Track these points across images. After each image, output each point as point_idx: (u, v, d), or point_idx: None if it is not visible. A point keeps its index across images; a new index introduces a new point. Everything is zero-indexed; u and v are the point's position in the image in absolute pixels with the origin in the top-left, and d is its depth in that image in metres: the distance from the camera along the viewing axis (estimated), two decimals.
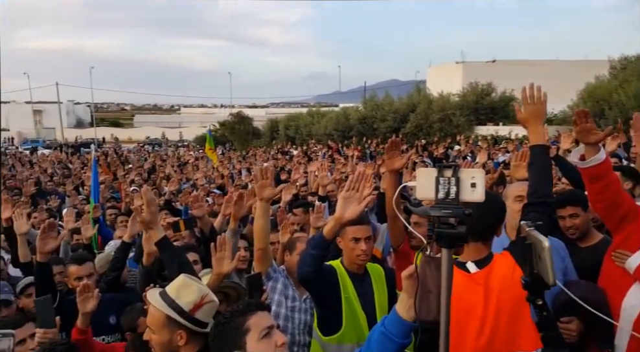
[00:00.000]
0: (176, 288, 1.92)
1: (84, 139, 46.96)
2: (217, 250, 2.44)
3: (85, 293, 2.49)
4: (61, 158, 19.32)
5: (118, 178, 10.03)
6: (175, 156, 20.63)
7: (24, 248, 3.66)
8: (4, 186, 10.02)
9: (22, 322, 2.48)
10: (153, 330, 1.89)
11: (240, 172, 12.01)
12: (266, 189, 2.67)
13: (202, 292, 1.93)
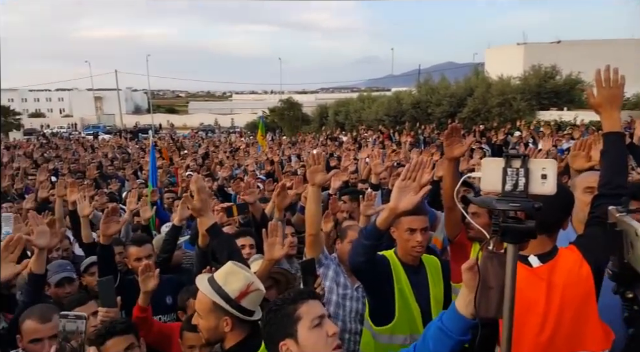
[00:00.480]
0: (224, 274, 1.96)
1: (142, 125, 49.20)
2: (269, 236, 2.47)
3: (147, 272, 2.60)
4: (121, 143, 20.35)
5: (175, 163, 10.42)
6: (227, 143, 21.16)
7: (87, 230, 3.89)
8: (69, 169, 10.70)
9: (86, 300, 2.65)
10: (200, 315, 1.94)
11: (290, 158, 12.14)
12: (318, 175, 2.66)
13: (248, 280, 1.95)
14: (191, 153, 14.65)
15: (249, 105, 74.38)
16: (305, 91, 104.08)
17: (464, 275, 1.44)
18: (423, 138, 14.98)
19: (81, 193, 4.01)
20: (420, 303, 2.55)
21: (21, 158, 12.55)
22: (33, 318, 2.28)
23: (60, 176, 8.72)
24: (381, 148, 9.40)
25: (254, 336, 1.89)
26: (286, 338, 1.57)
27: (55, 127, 47.87)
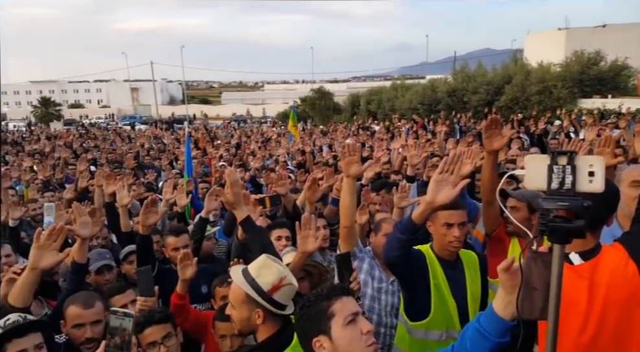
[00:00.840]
0: (257, 267, 1.97)
1: (177, 116, 50.28)
2: (302, 229, 2.47)
3: (185, 261, 2.66)
4: (157, 134, 20.84)
5: (208, 154, 10.61)
6: (258, 133, 21.34)
7: (126, 219, 4.01)
8: (107, 159, 11.05)
9: (125, 288, 2.74)
10: (233, 305, 1.96)
11: (321, 148, 12.12)
12: (353, 166, 2.63)
13: (281, 273, 1.96)
14: (224, 143, 14.87)
15: (280, 95, 74.72)
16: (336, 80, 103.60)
17: (501, 277, 1.39)
18: (459, 127, 14.63)
19: (120, 183, 4.13)
20: (457, 299, 2.50)
21: (61, 148, 13.05)
22: (76, 304, 2.37)
23: (98, 166, 9.04)
24: (415, 138, 9.23)
25: (286, 330, 1.90)
26: (320, 335, 1.57)
27: (93, 118, 49.49)
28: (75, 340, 2.33)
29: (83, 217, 2.75)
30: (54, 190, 6.74)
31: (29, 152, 13.54)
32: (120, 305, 2.63)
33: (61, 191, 6.69)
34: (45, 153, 12.82)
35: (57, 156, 10.87)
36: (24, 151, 14.10)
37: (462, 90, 25.74)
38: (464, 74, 27.27)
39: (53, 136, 21.98)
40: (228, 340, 2.46)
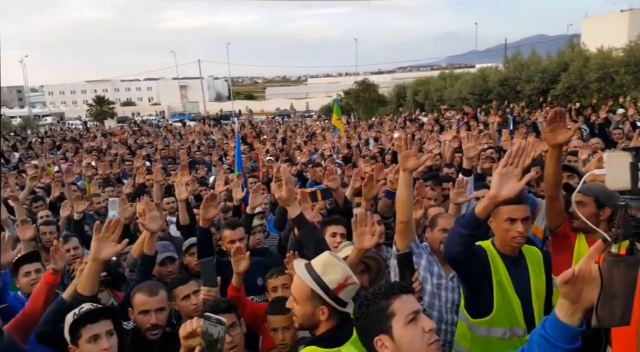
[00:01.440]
0: (322, 264, 1.97)
1: (224, 112, 51.50)
2: (358, 225, 2.46)
3: (239, 255, 2.73)
4: (205, 130, 21.44)
5: (256, 149, 10.80)
6: (303, 127, 21.50)
7: (185, 213, 4.17)
8: (161, 155, 11.49)
9: (187, 279, 2.85)
10: (296, 300, 1.96)
11: (367, 142, 12.05)
12: (410, 160, 2.60)
13: (347, 272, 1.96)
14: (270, 138, 15.10)
15: (323, 89, 74.85)
16: (381, 71, 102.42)
17: (562, 289, 1.31)
18: (512, 118, 14.10)
19: (178, 179, 4.29)
20: (521, 296, 2.44)
21: (117, 145, 13.70)
22: (142, 292, 2.51)
23: (153, 162, 9.41)
24: (466, 129, 8.98)
25: (346, 324, 1.91)
26: (381, 334, 1.57)
27: (145, 115, 51.55)
28: (141, 326, 2.47)
29: (153, 211, 2.88)
30: (113, 185, 7.09)
31: (87, 149, 14.31)
32: (183, 296, 2.75)
33: (120, 186, 7.03)
34: (102, 149, 13.50)
35: (114, 152, 11.42)
36: (82, 148, 14.91)
37: (515, 79, 24.72)
38: (516, 62, 26.17)
39: (108, 133, 23.11)
40: (280, 332, 2.50)
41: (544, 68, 24.25)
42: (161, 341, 2.47)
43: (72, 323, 2.08)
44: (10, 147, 16.72)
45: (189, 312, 2.76)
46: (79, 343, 2.07)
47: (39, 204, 5.90)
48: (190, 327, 1.90)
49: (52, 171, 9.37)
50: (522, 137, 5.91)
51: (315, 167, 6.78)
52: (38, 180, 7.13)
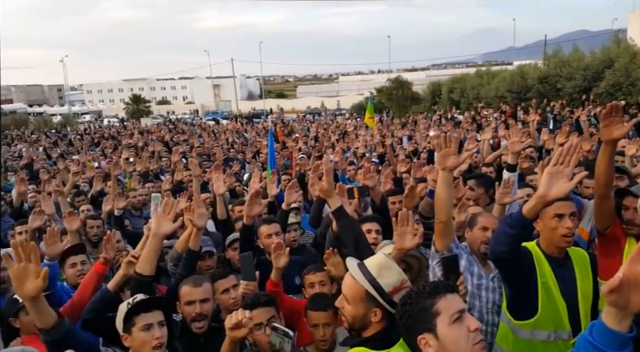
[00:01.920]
0: (377, 266, 1.93)
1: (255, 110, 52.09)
2: (399, 225, 2.45)
3: (278, 250, 2.77)
4: (238, 128, 21.76)
5: (288, 147, 10.89)
6: (334, 125, 21.51)
7: (222, 207, 4.27)
8: (196, 153, 11.74)
9: (227, 273, 2.92)
10: (348, 300, 1.93)
11: (401, 140, 11.94)
12: (449, 158, 2.55)
13: (402, 276, 1.94)
14: (302, 136, 15.18)
15: (355, 87, 74.57)
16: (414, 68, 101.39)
17: (608, 298, 1.26)
18: (553, 116, 13.68)
19: (216, 175, 4.39)
20: (567, 298, 2.38)
21: (154, 142, 14.07)
22: (188, 283, 2.61)
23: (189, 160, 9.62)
24: (505, 128, 8.80)
25: (394, 328, 1.90)
26: (424, 332, 1.56)
27: (179, 114, 52.70)
28: (187, 317, 2.55)
29: (201, 208, 2.98)
30: (153, 181, 7.31)
31: (126, 146, 14.78)
32: (223, 289, 2.81)
33: (158, 182, 7.24)
34: (139, 146, 13.89)
35: (151, 149, 11.75)
36: (121, 145, 15.40)
37: (555, 77, 24.01)
38: (557, 59, 25.43)
39: (145, 131, 23.74)
40: (320, 329, 2.52)
41: (587, 65, 23.45)
42: (207, 334, 2.54)
43: (127, 311, 2.16)
44: (51, 143, 17.45)
45: (228, 306, 2.82)
46: (132, 331, 2.14)
47: (81, 198, 6.14)
48: (235, 318, 1.95)
49: (92, 166, 9.72)
50: (565, 136, 5.73)
51: (349, 165, 6.78)
52: (80, 175, 7.42)
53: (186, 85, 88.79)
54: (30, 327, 2.61)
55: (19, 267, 1.91)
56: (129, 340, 2.15)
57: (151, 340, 2.11)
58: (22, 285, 1.91)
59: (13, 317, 2.70)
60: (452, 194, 2.64)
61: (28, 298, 1.94)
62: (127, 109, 48.11)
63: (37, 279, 1.91)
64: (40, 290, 1.94)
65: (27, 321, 2.62)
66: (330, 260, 2.87)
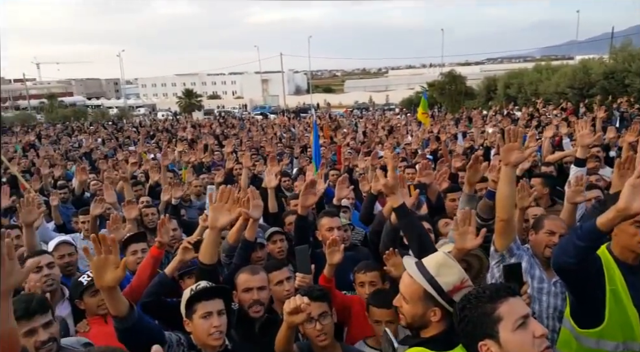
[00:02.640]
0: (436, 264, 1.91)
1: (302, 105, 52.50)
2: (460, 224, 2.39)
3: (333, 246, 2.79)
4: (286, 123, 22.02)
5: (337, 141, 10.91)
6: (383, 120, 21.32)
7: (274, 200, 4.34)
8: (246, 146, 11.99)
9: (281, 266, 2.98)
10: (406, 299, 1.91)
11: (455, 137, 11.67)
12: (513, 153, 2.47)
13: (463, 274, 1.91)
14: (350, 131, 15.15)
15: (405, 81, 73.50)
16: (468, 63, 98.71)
17: None
18: (620, 114, 12.91)
19: (268, 168, 4.48)
20: (638, 307, 2.24)
21: (206, 136, 14.50)
22: (246, 272, 2.69)
23: (238, 153, 9.85)
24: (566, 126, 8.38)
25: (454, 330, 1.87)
26: (486, 339, 1.52)
27: (229, 108, 53.95)
28: (244, 304, 2.62)
29: (257, 200, 3.04)
30: (207, 173, 7.55)
31: (180, 138, 15.33)
32: (277, 281, 2.87)
33: (210, 174, 7.47)
34: (192, 139, 14.35)
35: (204, 142, 12.12)
36: (175, 138, 15.98)
37: (623, 72, 22.59)
38: (625, 53, 23.90)
39: (197, 124, 24.50)
40: (383, 326, 2.51)
41: None
42: (263, 324, 2.61)
43: (189, 298, 2.25)
44: (109, 134, 18.36)
45: (281, 298, 2.87)
46: (193, 317, 2.23)
47: (138, 188, 6.43)
48: (294, 303, 1.98)
49: (147, 157, 10.14)
50: (637, 134, 5.40)
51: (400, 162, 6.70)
52: (137, 166, 7.78)
53: (235, 80, 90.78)
54: (94, 309, 2.77)
55: (99, 259, 1.98)
56: (191, 325, 2.24)
57: (209, 327, 2.18)
58: (102, 275, 1.98)
59: (78, 299, 2.84)
60: (514, 191, 2.57)
61: (106, 288, 2.00)
62: (179, 103, 49.69)
63: (117, 269, 1.98)
64: (118, 281, 2.00)
65: (91, 303, 2.78)
66: (391, 260, 2.83)
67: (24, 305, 2.16)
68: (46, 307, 2.24)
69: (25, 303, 2.18)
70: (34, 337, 2.15)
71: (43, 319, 2.19)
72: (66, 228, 5.37)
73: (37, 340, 2.14)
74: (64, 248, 3.61)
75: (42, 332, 2.16)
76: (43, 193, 6.63)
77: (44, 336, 2.16)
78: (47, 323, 2.20)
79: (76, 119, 35.36)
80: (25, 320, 2.14)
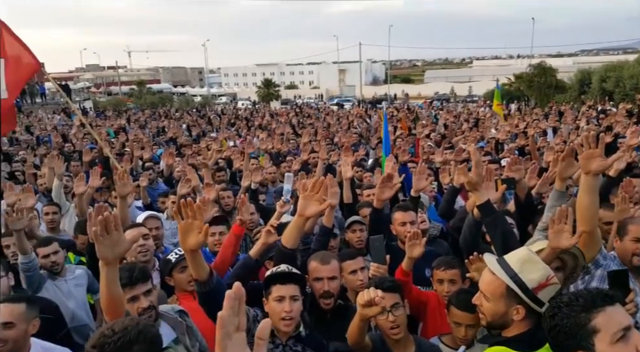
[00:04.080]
0: (519, 261, 1.84)
1: (378, 95, 51.92)
2: (556, 222, 2.26)
3: (414, 240, 2.75)
4: (361, 113, 21.93)
5: (416, 133, 10.68)
6: (466, 113, 20.55)
7: (349, 191, 4.36)
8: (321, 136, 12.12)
9: (356, 255, 3.00)
10: (487, 297, 1.87)
11: (544, 132, 10.99)
12: (594, 161, 2.29)
13: (548, 271, 1.83)
14: (429, 123, 14.77)
15: (490, 72, 70.13)
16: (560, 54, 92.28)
17: None
18: None
19: (343, 159, 4.50)
20: None
21: (281, 124, 14.85)
22: (316, 260, 2.72)
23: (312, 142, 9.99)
24: None
25: (539, 330, 1.78)
26: (579, 350, 1.44)
27: (305, 98, 54.71)
28: (315, 292, 2.67)
29: (334, 188, 3.08)
30: (284, 160, 7.75)
31: (258, 126, 15.85)
32: (351, 270, 2.89)
33: (287, 163, 7.65)
34: (270, 128, 14.77)
35: (280, 131, 12.42)
36: (254, 126, 16.53)
37: None
38: None
39: (274, 113, 25.14)
40: (463, 328, 2.46)
41: None
42: (334, 311, 2.64)
43: (266, 278, 2.33)
44: (194, 121, 19.36)
45: (355, 287, 2.89)
46: (269, 299, 2.31)
47: (221, 173, 6.75)
48: (367, 296, 1.98)
49: (226, 144, 10.59)
50: None
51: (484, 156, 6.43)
52: (220, 152, 8.15)
53: (313, 70, 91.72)
54: (183, 285, 2.95)
55: (186, 222, 2.11)
56: (267, 307, 2.32)
57: (280, 312, 2.24)
58: (186, 238, 2.11)
59: (168, 276, 3.02)
60: (597, 201, 2.36)
61: (189, 250, 2.13)
62: (258, 93, 51.19)
63: (200, 234, 2.10)
64: (200, 244, 2.13)
65: (180, 279, 2.96)
66: (475, 265, 2.71)
67: (128, 274, 2.36)
68: (147, 275, 2.44)
69: (129, 271, 2.37)
70: (136, 303, 2.34)
71: (144, 287, 2.38)
72: (152, 207, 5.76)
73: (139, 306, 2.33)
74: (152, 221, 3.85)
75: (143, 300, 2.36)
76: (132, 174, 7.16)
77: (145, 303, 2.35)
78: (148, 291, 2.39)
79: (163, 105, 37.59)
80: (129, 288, 2.33)
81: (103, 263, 1.97)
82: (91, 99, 42.76)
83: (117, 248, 1.95)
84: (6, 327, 2.40)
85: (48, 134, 15.11)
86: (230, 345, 0.93)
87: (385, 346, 2.37)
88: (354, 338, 2.21)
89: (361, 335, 2.20)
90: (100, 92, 56.91)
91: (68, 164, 7.81)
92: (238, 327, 0.96)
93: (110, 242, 1.94)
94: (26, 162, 8.17)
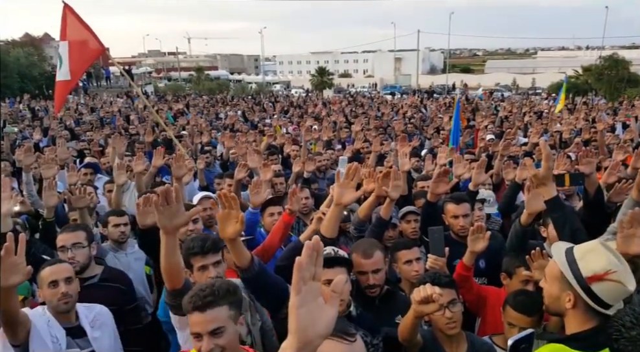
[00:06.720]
0: (584, 250, 1.81)
1: (435, 85, 50.71)
2: (626, 225, 2.14)
3: (478, 234, 2.67)
4: (416, 103, 21.52)
5: (476, 124, 10.37)
6: (528, 105, 19.70)
7: (404, 184, 4.26)
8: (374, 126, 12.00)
9: (412, 245, 2.96)
10: (547, 278, 1.89)
11: (613, 128, 10.33)
12: None
13: (611, 265, 1.71)
14: (489, 114, 14.29)
15: (555, 63, 66.83)
16: (635, 46, 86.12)
17: None
18: None
19: (399, 149, 4.42)
20: None
21: (335, 113, 14.82)
22: (358, 253, 2.65)
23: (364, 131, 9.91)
24: None
25: (603, 331, 1.68)
26: None
27: (359, 87, 54.33)
28: (361, 284, 2.64)
29: (398, 180, 3.04)
30: (334, 149, 7.75)
31: (311, 114, 15.92)
32: (406, 260, 2.84)
33: (339, 151, 7.64)
34: (322, 116, 14.79)
35: (333, 119, 12.40)
36: (307, 114, 16.62)
37: None
38: None
39: (327, 102, 25.16)
40: (516, 330, 2.35)
41: None
42: (382, 297, 2.62)
43: None
44: (249, 108, 19.74)
45: (409, 277, 2.84)
46: None
47: (274, 157, 6.84)
48: (424, 292, 1.93)
49: (280, 130, 10.71)
50: None
51: None
52: (273, 138, 8.27)
53: (368, 58, 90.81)
54: (230, 263, 3.03)
55: (223, 212, 2.20)
56: None
57: None
58: (225, 227, 2.20)
59: None
60: None
61: (227, 239, 2.22)
62: (312, 81, 51.36)
63: (237, 223, 2.18)
64: (238, 233, 2.20)
65: (228, 258, 3.04)
66: (537, 262, 2.60)
67: (201, 243, 2.47)
68: (218, 247, 2.52)
69: (202, 241, 2.49)
70: (205, 273, 2.43)
71: (214, 258, 2.47)
72: (209, 189, 5.93)
73: (208, 276, 2.41)
74: (206, 201, 4.02)
75: (212, 270, 2.45)
76: (191, 157, 7.40)
77: (213, 273, 2.44)
78: (217, 262, 2.48)
79: (220, 92, 38.54)
80: (200, 256, 2.44)
81: (162, 231, 2.06)
82: (152, 83, 44.52)
83: (175, 219, 2.03)
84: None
85: (112, 116, 15.90)
86: (304, 290, 0.98)
87: (435, 343, 2.30)
88: (405, 335, 2.16)
89: (413, 332, 2.15)
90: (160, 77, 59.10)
91: (132, 144, 8.21)
92: (314, 275, 1.01)
93: (169, 213, 2.02)
94: (93, 141, 8.68)
